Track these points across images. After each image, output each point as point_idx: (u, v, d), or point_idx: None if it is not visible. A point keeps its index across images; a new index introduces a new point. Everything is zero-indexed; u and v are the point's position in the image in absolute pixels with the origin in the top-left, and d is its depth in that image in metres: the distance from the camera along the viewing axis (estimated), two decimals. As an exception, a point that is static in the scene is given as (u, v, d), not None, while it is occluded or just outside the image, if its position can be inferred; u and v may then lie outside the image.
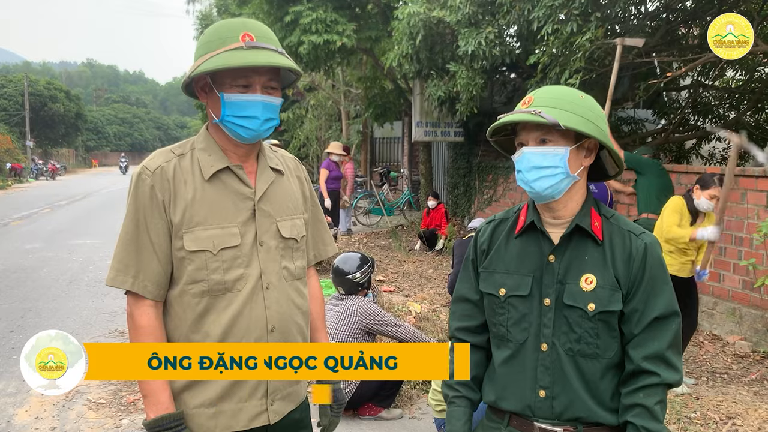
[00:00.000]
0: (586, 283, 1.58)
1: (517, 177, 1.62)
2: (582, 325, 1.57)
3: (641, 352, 1.55)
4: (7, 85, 47.33)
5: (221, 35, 1.63)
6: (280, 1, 10.67)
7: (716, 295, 6.06)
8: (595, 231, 1.61)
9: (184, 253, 1.65)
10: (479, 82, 7.92)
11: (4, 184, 28.50)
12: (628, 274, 1.57)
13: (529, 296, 1.62)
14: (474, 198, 11.35)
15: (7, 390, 4.63)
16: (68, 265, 9.37)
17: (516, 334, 1.64)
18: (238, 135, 1.68)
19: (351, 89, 17.34)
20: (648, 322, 1.55)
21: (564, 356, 1.58)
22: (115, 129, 74.20)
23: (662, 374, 1.53)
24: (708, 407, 4.22)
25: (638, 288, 1.57)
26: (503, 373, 1.67)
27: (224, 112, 1.65)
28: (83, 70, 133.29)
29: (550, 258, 1.62)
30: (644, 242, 1.59)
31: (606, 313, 1.56)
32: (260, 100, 1.65)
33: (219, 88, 1.64)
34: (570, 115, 1.53)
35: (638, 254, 1.57)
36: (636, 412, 1.52)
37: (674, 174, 6.59)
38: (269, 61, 1.59)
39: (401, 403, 4.31)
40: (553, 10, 6.35)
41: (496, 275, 1.69)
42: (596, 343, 1.56)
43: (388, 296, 6.98)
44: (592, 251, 1.60)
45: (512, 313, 1.65)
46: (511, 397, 1.65)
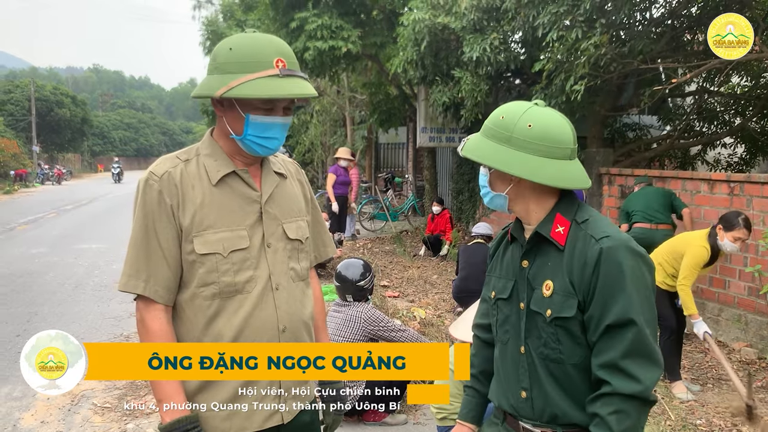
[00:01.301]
0: (546, 289, 1.60)
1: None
2: (545, 329, 1.60)
3: (597, 360, 1.53)
4: (14, 90, 47.56)
5: (254, 58, 1.64)
6: (286, 8, 10.72)
7: (722, 301, 6.04)
8: (555, 237, 1.61)
9: (195, 257, 1.68)
10: (484, 88, 7.93)
11: (10, 188, 28.63)
12: (582, 279, 1.54)
13: (509, 299, 1.70)
14: (479, 204, 11.35)
15: (13, 394, 4.65)
16: (74, 270, 9.40)
17: (501, 335, 1.72)
18: (254, 151, 1.73)
19: (356, 95, 17.38)
20: (602, 329, 1.52)
21: (536, 359, 1.62)
22: (121, 134, 74.42)
23: (614, 384, 1.49)
24: (713, 414, 4.21)
25: (593, 294, 1.53)
26: (498, 372, 1.75)
27: (247, 131, 1.68)
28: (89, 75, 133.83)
29: (523, 263, 1.68)
30: (600, 247, 1.53)
31: (561, 319, 1.56)
32: (280, 122, 1.71)
33: (244, 108, 1.67)
34: (486, 143, 1.64)
35: (592, 260, 1.53)
36: (595, 421, 1.51)
37: (679, 180, 6.59)
38: (303, 92, 1.65)
39: (406, 408, 4.31)
40: (558, 17, 6.37)
41: (493, 279, 1.79)
42: (559, 349, 1.58)
43: (393, 302, 6.99)
44: (554, 257, 1.62)
45: (499, 315, 1.73)
46: (502, 396, 1.72)
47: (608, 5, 6.45)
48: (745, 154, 9.40)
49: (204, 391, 1.70)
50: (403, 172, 18.33)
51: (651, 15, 7.69)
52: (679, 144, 9.22)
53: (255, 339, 1.70)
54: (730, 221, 4.30)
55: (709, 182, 6.27)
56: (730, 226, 4.28)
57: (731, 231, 4.27)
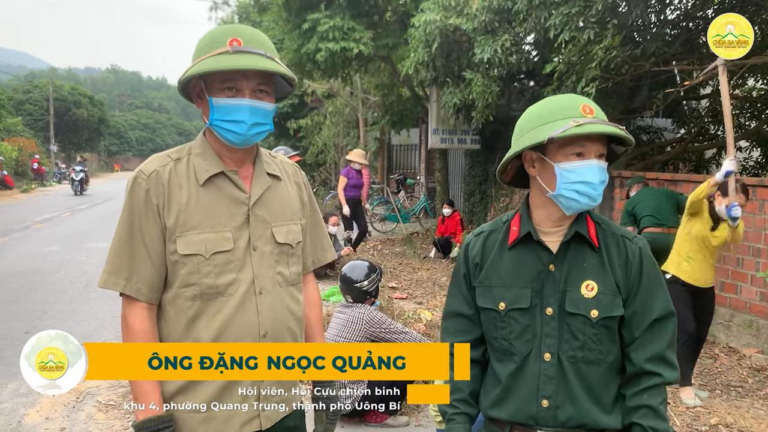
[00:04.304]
0: (587, 290, 1.59)
1: (572, 188, 1.56)
2: (585, 332, 1.58)
3: (643, 354, 1.58)
4: (33, 90, 48.18)
5: (210, 41, 1.66)
6: (299, 9, 10.73)
7: (733, 307, 5.95)
8: (592, 237, 1.62)
9: (177, 257, 1.66)
10: (495, 89, 7.89)
11: (27, 187, 28.94)
12: (626, 278, 1.60)
13: (529, 308, 1.62)
14: (490, 206, 11.30)
15: (20, 390, 4.68)
16: (85, 268, 9.47)
17: (520, 347, 1.63)
18: (227, 139, 1.69)
19: (369, 96, 17.38)
20: (648, 324, 1.59)
21: (567, 364, 1.59)
22: (138, 134, 75.10)
23: (664, 374, 1.58)
24: (720, 421, 4.14)
25: (637, 291, 1.60)
26: (506, 384, 1.66)
27: (213, 116, 1.66)
28: (107, 76, 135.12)
29: (551, 267, 1.61)
30: (638, 246, 1.62)
31: (608, 318, 1.58)
32: (247, 105, 1.65)
33: (209, 92, 1.66)
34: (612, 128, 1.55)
35: (635, 258, 1.61)
36: (642, 413, 1.56)
37: (692, 183, 6.50)
38: (252, 65, 1.61)
39: (408, 410, 4.29)
40: (570, 18, 6.31)
41: (494, 289, 1.67)
42: (599, 349, 1.58)
43: (400, 303, 6.96)
44: (590, 258, 1.61)
45: (514, 327, 1.64)
46: (512, 407, 1.64)
47: (621, 6, 6.39)
48: (761, 157, 9.28)
49: (182, 393, 1.67)
50: (415, 173, 18.30)
51: (665, 16, 7.60)
52: (693, 147, 9.11)
53: (234, 342, 1.66)
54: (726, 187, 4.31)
55: (721, 186, 6.18)
56: (726, 193, 4.28)
57: (728, 197, 4.26)
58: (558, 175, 1.56)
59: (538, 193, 1.66)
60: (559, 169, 1.56)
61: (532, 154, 1.62)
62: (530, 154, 1.63)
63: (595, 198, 1.56)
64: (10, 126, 36.36)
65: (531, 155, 1.63)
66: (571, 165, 1.55)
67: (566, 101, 1.60)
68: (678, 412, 4.29)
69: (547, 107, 1.60)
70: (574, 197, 1.56)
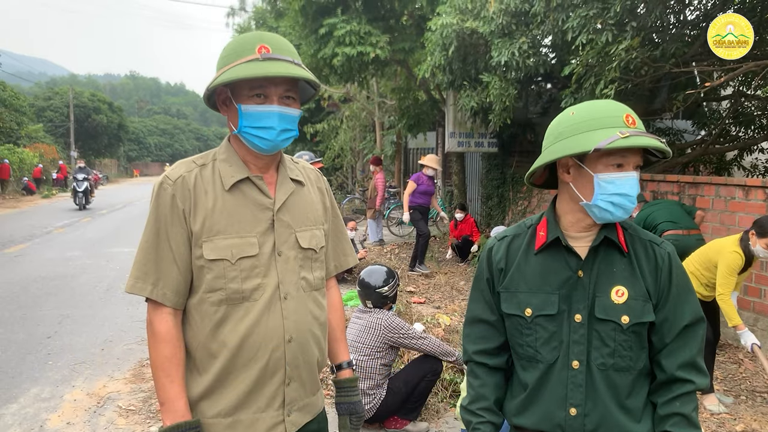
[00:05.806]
0: (618, 296, 1.56)
1: (609, 199, 1.53)
2: (615, 338, 1.55)
3: (674, 361, 1.56)
4: (54, 97, 48.93)
5: (238, 48, 1.66)
6: (315, 14, 10.77)
7: (757, 311, 5.85)
8: (621, 242, 1.60)
9: (203, 262, 1.66)
10: (512, 92, 7.84)
11: (48, 193, 29.32)
12: (656, 284, 1.58)
13: (557, 315, 1.59)
14: (508, 209, 11.24)
15: (42, 395, 4.73)
16: (106, 273, 9.57)
17: (546, 354, 1.60)
18: (256, 146, 1.70)
19: (385, 100, 17.39)
20: (679, 330, 1.57)
21: (596, 372, 1.56)
22: (156, 140, 75.89)
23: (696, 380, 1.56)
24: (746, 427, 4.07)
25: (667, 297, 1.58)
26: (531, 392, 1.63)
27: (242, 123, 1.67)
28: (126, 82, 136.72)
29: (579, 273, 1.59)
30: (667, 251, 1.61)
31: (639, 324, 1.56)
32: (276, 111, 1.66)
33: (237, 99, 1.67)
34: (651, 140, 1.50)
35: (665, 264, 1.59)
36: (674, 421, 1.54)
37: (713, 186, 6.42)
38: (283, 72, 1.61)
39: (428, 416, 4.26)
40: (588, 20, 6.26)
41: (519, 295, 1.64)
42: (630, 356, 1.56)
43: (418, 308, 6.93)
44: (619, 263, 1.59)
45: (541, 333, 1.61)
46: (538, 415, 1.62)
47: (640, 8, 6.32)
48: (784, 159, 9.13)
49: (207, 398, 1.68)
50: (432, 177, 18.22)
51: (684, 17, 7.52)
52: (714, 149, 8.98)
53: (260, 347, 1.67)
54: (763, 227, 4.10)
55: (744, 188, 6.09)
56: (764, 232, 4.09)
57: (765, 237, 4.08)
58: (596, 185, 1.53)
59: (568, 199, 1.63)
60: (599, 179, 1.52)
61: (569, 160, 1.59)
62: (567, 160, 1.60)
63: (628, 210, 1.53)
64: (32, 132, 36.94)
65: (567, 161, 1.60)
66: (610, 176, 1.52)
67: (610, 109, 1.55)
68: (702, 418, 4.22)
69: (590, 114, 1.55)
70: (609, 209, 1.53)
